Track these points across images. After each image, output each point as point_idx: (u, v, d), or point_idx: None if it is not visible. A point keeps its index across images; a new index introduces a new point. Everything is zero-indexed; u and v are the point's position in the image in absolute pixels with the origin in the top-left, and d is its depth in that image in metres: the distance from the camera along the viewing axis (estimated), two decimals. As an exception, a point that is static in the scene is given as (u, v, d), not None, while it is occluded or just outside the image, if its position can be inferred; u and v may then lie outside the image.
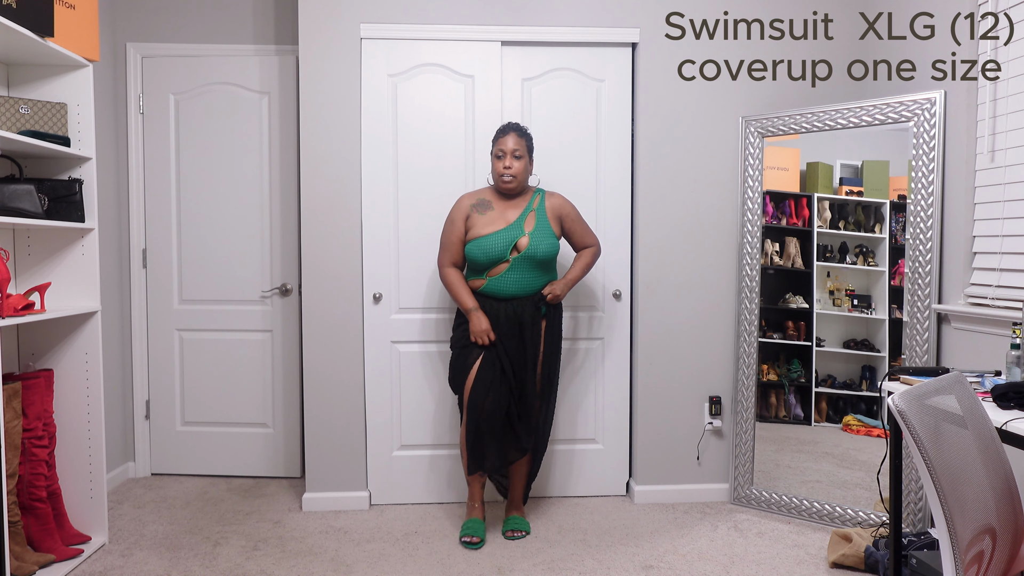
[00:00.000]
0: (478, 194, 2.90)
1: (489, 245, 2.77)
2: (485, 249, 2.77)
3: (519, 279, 2.80)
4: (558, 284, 2.86)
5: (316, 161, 3.11)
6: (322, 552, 2.74)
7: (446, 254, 2.88)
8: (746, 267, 3.18)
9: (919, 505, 2.76)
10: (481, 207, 2.86)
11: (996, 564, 1.41)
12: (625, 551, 2.76)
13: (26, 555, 2.44)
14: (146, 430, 3.63)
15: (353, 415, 3.18)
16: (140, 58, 3.52)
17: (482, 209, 2.86)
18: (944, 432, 1.37)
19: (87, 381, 2.71)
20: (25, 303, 2.38)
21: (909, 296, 2.79)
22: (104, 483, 2.74)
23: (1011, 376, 2.03)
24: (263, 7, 3.53)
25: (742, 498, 3.21)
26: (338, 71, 3.10)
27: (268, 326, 3.58)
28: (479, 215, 2.84)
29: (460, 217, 2.85)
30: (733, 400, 3.26)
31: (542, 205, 2.88)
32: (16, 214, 2.40)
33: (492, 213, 2.84)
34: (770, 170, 3.15)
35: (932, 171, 2.72)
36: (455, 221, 2.86)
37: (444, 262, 2.89)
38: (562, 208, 2.90)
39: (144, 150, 3.55)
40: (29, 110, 2.52)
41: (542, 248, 2.79)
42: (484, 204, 2.87)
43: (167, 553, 2.73)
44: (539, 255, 2.79)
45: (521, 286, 2.81)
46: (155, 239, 3.57)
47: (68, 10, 2.58)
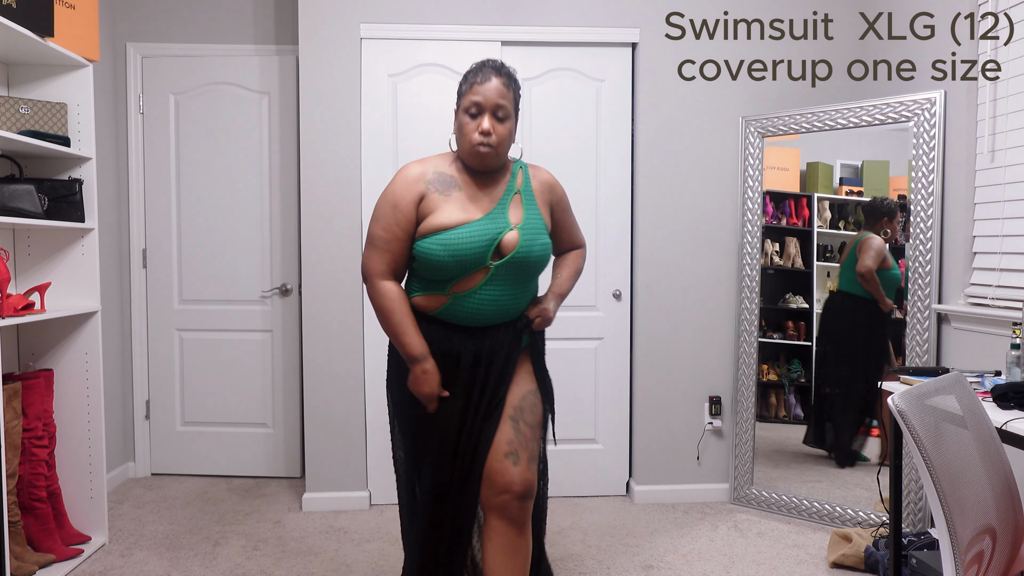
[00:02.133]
0: (433, 163, 1.90)
1: (462, 243, 1.79)
2: (455, 249, 1.78)
3: (499, 298, 1.85)
4: (549, 302, 1.97)
5: (316, 161, 3.11)
6: (322, 552, 2.74)
7: (380, 257, 1.84)
8: (746, 267, 3.18)
9: (919, 505, 2.76)
10: (442, 184, 1.86)
11: (996, 564, 1.41)
12: (625, 551, 2.75)
13: (26, 555, 2.44)
14: (146, 430, 3.63)
15: (353, 415, 3.18)
16: (140, 58, 3.52)
17: (444, 188, 1.85)
18: (944, 432, 1.37)
19: (87, 381, 2.71)
20: (25, 303, 2.38)
21: (909, 296, 2.79)
22: (104, 483, 2.74)
23: (1011, 376, 2.03)
24: (263, 7, 3.53)
25: (742, 498, 3.21)
26: (338, 71, 3.10)
27: (268, 326, 3.58)
28: (440, 195, 1.84)
29: (409, 196, 1.83)
30: (733, 400, 3.26)
31: (528, 184, 1.94)
32: (16, 214, 2.40)
33: (459, 195, 1.85)
34: (770, 170, 3.15)
35: (932, 171, 2.72)
36: (399, 204, 1.82)
37: (375, 268, 1.85)
38: (553, 190, 2.00)
39: (144, 150, 3.55)
40: (29, 110, 2.52)
41: (536, 249, 1.86)
42: (446, 180, 1.86)
43: (167, 553, 2.73)
44: (532, 259, 1.85)
45: (500, 309, 1.86)
46: (155, 239, 3.57)
47: (68, 10, 2.58)
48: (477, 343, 1.86)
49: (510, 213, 1.87)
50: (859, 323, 3.05)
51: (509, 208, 1.88)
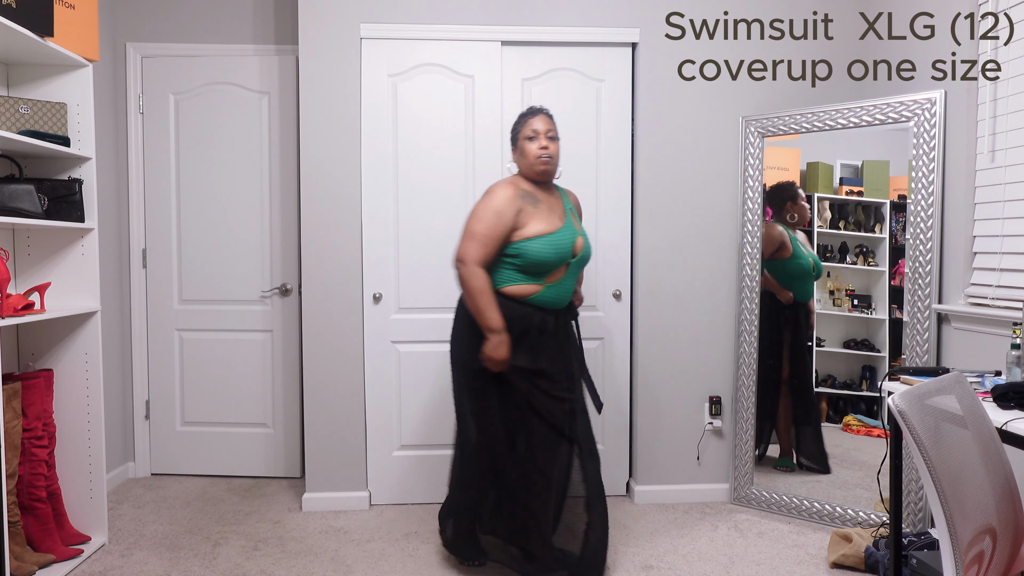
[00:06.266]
0: (515, 184, 2.41)
1: (561, 243, 2.34)
2: (559, 247, 2.34)
3: (569, 287, 2.43)
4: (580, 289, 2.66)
5: (316, 161, 3.11)
6: (322, 552, 2.74)
7: (479, 249, 2.30)
8: (746, 267, 3.18)
9: (919, 505, 2.76)
10: (530, 199, 2.37)
11: (996, 564, 1.41)
12: (625, 551, 2.75)
13: (26, 555, 2.44)
14: (146, 430, 3.63)
15: (353, 415, 3.18)
16: (140, 58, 3.52)
17: (533, 202, 2.37)
18: (944, 432, 1.37)
19: (87, 381, 2.71)
20: (25, 303, 2.38)
21: (909, 296, 2.79)
22: (104, 483, 2.74)
23: (1011, 376, 2.03)
24: (263, 7, 3.53)
25: (742, 498, 3.21)
26: (338, 71, 3.10)
27: (268, 326, 3.58)
28: (532, 208, 2.35)
29: (511, 208, 2.32)
30: (733, 400, 3.26)
31: (568, 202, 2.52)
32: (16, 214, 2.40)
33: (543, 207, 2.39)
34: (770, 170, 3.15)
35: (932, 171, 2.72)
36: (503, 212, 2.30)
37: (473, 256, 2.30)
38: (579, 206, 2.63)
39: (144, 150, 3.55)
40: (29, 110, 2.52)
41: (589, 251, 2.49)
42: (530, 197, 2.38)
43: (167, 553, 2.73)
44: (588, 258, 2.48)
45: (568, 294, 2.45)
46: (155, 239, 3.57)
47: (68, 10, 2.58)
48: (554, 320, 2.41)
49: (575, 223, 2.46)
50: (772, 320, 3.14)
51: (572, 219, 2.46)
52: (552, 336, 2.40)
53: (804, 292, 2.91)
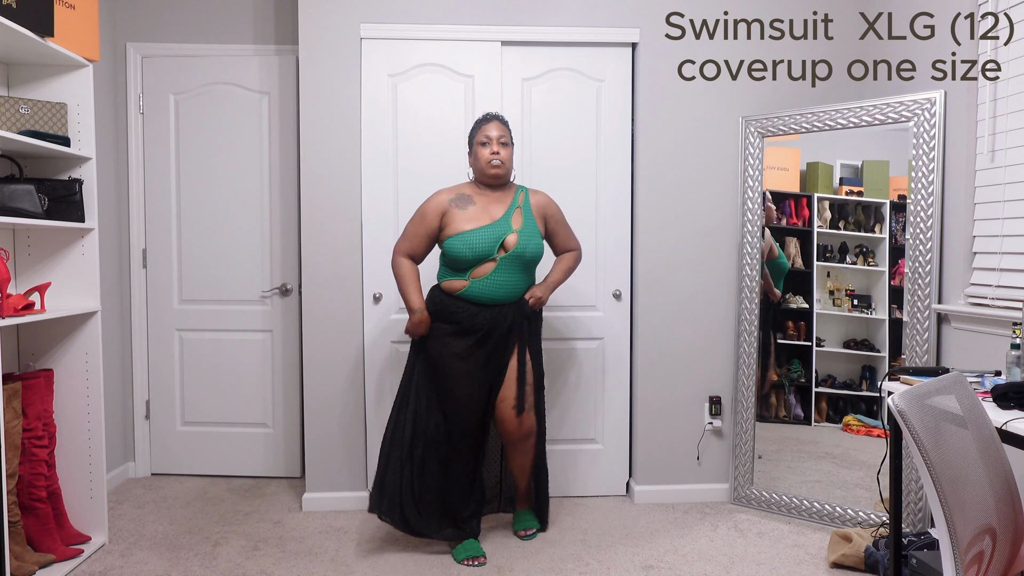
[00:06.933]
0: (457, 189, 2.70)
1: (476, 240, 2.56)
2: (472, 244, 2.56)
3: (505, 282, 2.61)
4: (539, 288, 2.71)
5: (316, 161, 3.11)
6: (322, 552, 2.74)
7: (405, 243, 2.66)
8: (746, 267, 3.18)
9: (919, 505, 2.76)
10: (461, 201, 2.65)
11: (996, 564, 1.41)
12: (625, 551, 2.76)
13: (26, 555, 2.44)
14: (146, 430, 3.63)
15: (353, 415, 3.18)
16: (140, 58, 3.52)
17: (462, 204, 2.64)
18: (944, 432, 1.37)
19: (87, 381, 2.71)
20: (25, 303, 2.38)
21: (909, 296, 2.79)
22: (104, 483, 2.74)
23: (1011, 376, 2.03)
24: (263, 7, 3.53)
25: (742, 498, 3.21)
26: (338, 71, 3.10)
27: (268, 326, 3.58)
28: (459, 210, 2.63)
29: (435, 211, 2.63)
30: (733, 400, 3.26)
31: (527, 202, 2.71)
32: (16, 214, 2.40)
33: (474, 208, 2.64)
34: (770, 170, 3.15)
35: (932, 171, 2.72)
36: (427, 215, 2.63)
37: (399, 248, 2.67)
38: (547, 207, 2.76)
39: (144, 150, 3.55)
40: (29, 110, 2.52)
41: (531, 248, 2.62)
42: (464, 199, 2.66)
43: (167, 553, 2.73)
44: (527, 255, 2.62)
45: (506, 290, 2.62)
46: (155, 239, 3.57)
47: (68, 10, 2.58)
48: (488, 315, 2.62)
49: (512, 221, 2.64)
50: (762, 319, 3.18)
51: (512, 218, 2.65)
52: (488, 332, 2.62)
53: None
